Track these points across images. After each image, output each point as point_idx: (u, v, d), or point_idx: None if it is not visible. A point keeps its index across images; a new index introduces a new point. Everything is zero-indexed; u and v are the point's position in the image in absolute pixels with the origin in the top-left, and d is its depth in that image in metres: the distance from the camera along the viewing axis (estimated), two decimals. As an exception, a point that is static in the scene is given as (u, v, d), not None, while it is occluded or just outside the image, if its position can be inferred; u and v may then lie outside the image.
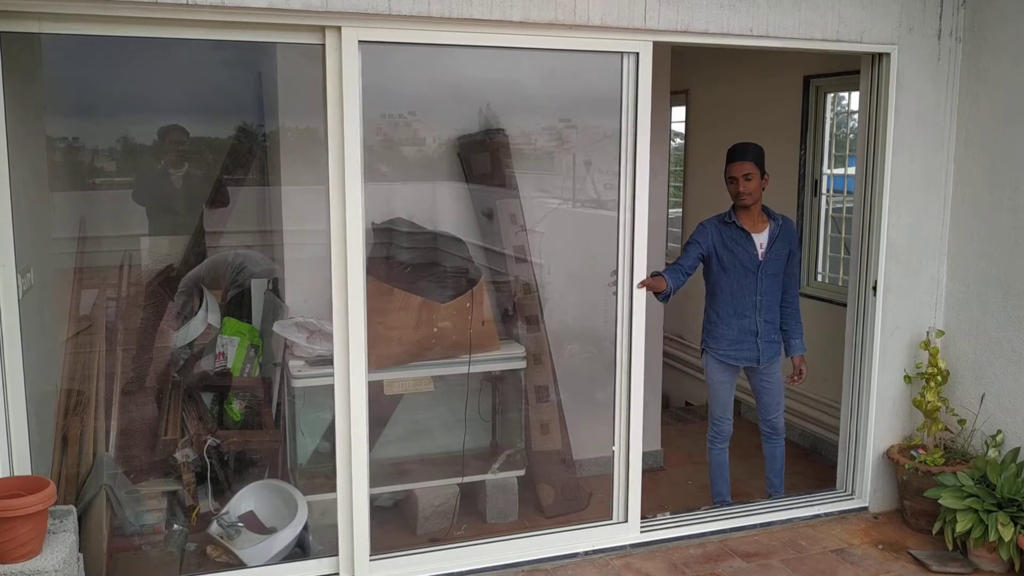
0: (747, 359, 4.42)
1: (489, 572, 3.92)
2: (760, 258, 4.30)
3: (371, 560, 3.76)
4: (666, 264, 4.55)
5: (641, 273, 4.02)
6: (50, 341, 3.89)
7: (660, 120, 5.26)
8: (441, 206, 4.82)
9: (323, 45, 3.40)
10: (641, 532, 4.19)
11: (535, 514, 4.65)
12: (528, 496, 4.80)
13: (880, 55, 4.29)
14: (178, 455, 4.02)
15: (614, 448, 4.16)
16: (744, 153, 4.29)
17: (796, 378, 4.50)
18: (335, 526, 3.74)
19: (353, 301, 3.55)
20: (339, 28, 3.37)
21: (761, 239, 4.31)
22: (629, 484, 4.15)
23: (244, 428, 4.29)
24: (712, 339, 4.47)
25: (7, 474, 3.24)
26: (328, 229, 3.53)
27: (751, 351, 4.40)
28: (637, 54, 3.85)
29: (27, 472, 3.31)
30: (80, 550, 3.35)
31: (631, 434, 4.10)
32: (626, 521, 4.17)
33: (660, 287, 4.13)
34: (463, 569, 3.88)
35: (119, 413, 3.99)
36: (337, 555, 3.76)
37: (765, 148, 4.20)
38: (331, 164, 3.47)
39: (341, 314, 3.56)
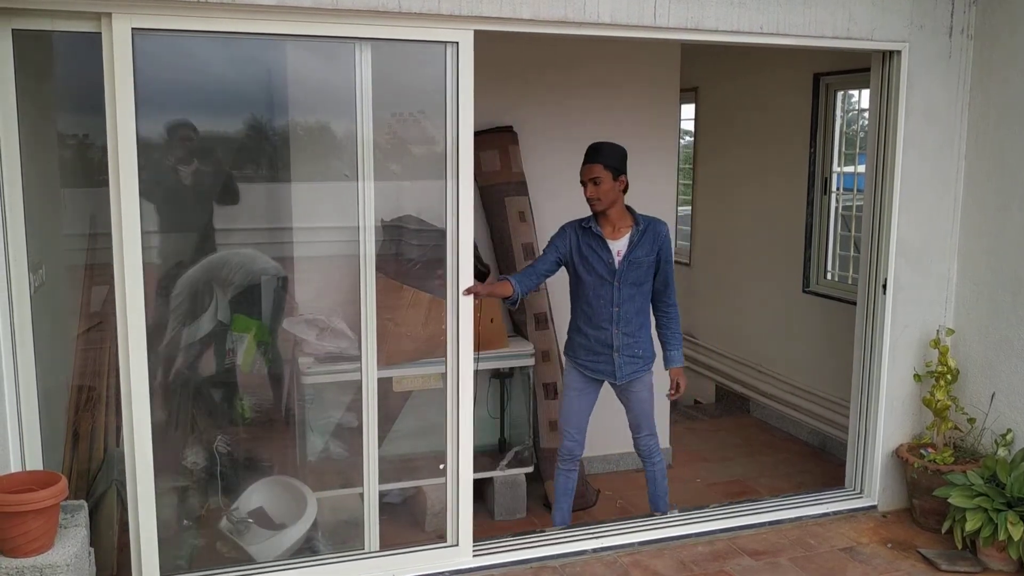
0: (604, 373, 4.05)
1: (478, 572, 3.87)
2: (616, 266, 3.92)
3: None
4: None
5: (468, 279, 3.73)
6: (61, 337, 3.91)
7: (669, 117, 5.27)
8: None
9: (100, 34, 3.15)
10: (473, 556, 3.89)
11: (543, 511, 4.66)
12: (537, 493, 4.81)
13: (891, 52, 4.27)
14: (188, 451, 4.04)
15: (442, 466, 3.90)
16: (594, 155, 3.88)
17: (673, 392, 4.17)
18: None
19: (132, 300, 3.28)
20: (110, 15, 3.13)
21: (619, 246, 3.92)
22: (460, 505, 3.85)
23: (253, 424, 4.31)
24: (570, 347, 4.13)
25: (19, 469, 3.25)
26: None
27: (607, 365, 4.02)
28: (457, 43, 3.55)
29: (39, 467, 3.33)
30: (91, 545, 3.37)
31: (460, 452, 3.82)
32: (457, 544, 3.89)
33: (504, 292, 3.88)
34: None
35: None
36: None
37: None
38: (109, 163, 3.23)
39: (122, 319, 3.30)
